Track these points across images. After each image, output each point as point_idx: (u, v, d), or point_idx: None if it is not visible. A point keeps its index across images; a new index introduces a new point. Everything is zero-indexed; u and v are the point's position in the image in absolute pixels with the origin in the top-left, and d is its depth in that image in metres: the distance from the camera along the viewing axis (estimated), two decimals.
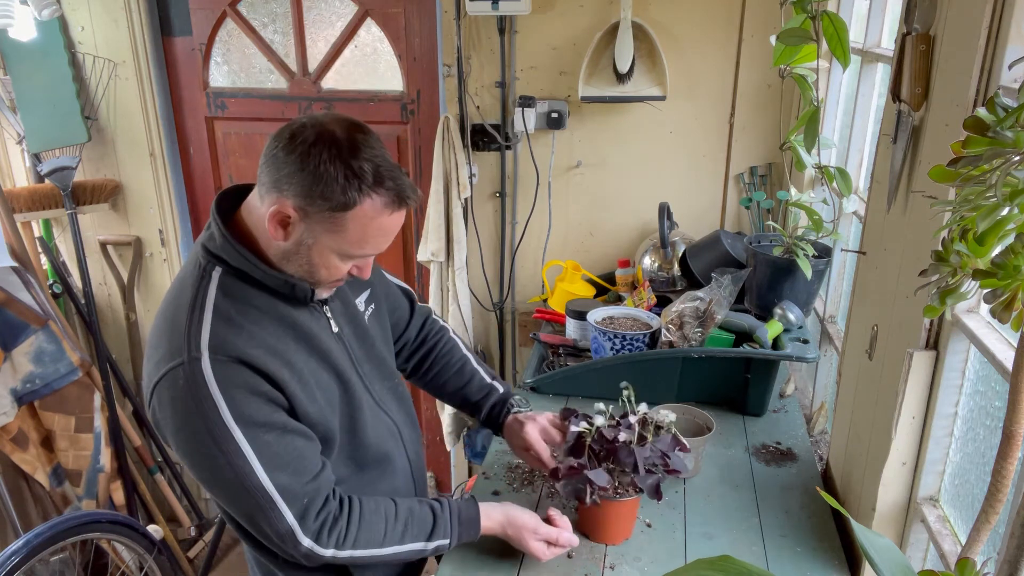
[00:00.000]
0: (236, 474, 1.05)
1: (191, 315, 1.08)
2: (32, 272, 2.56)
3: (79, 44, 2.69)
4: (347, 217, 1.04)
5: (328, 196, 1.03)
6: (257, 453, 1.06)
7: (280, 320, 1.13)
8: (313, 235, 1.07)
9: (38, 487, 2.65)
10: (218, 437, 1.04)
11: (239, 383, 1.06)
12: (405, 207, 1.09)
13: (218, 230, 1.11)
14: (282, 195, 1.04)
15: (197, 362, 1.04)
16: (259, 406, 1.07)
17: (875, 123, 1.77)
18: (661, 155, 2.47)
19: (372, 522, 1.17)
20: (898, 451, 1.18)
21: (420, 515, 1.22)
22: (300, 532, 1.10)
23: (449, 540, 1.23)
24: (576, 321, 2.01)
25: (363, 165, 1.03)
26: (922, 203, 1.13)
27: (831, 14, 1.31)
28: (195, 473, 1.10)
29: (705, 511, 1.44)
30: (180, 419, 1.06)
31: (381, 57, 2.65)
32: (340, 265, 1.11)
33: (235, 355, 1.06)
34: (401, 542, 1.19)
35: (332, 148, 1.03)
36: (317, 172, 1.02)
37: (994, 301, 0.67)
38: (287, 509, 1.08)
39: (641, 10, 2.28)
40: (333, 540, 1.13)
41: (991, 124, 0.66)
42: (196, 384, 1.04)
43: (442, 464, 3.11)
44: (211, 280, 1.11)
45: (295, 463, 1.10)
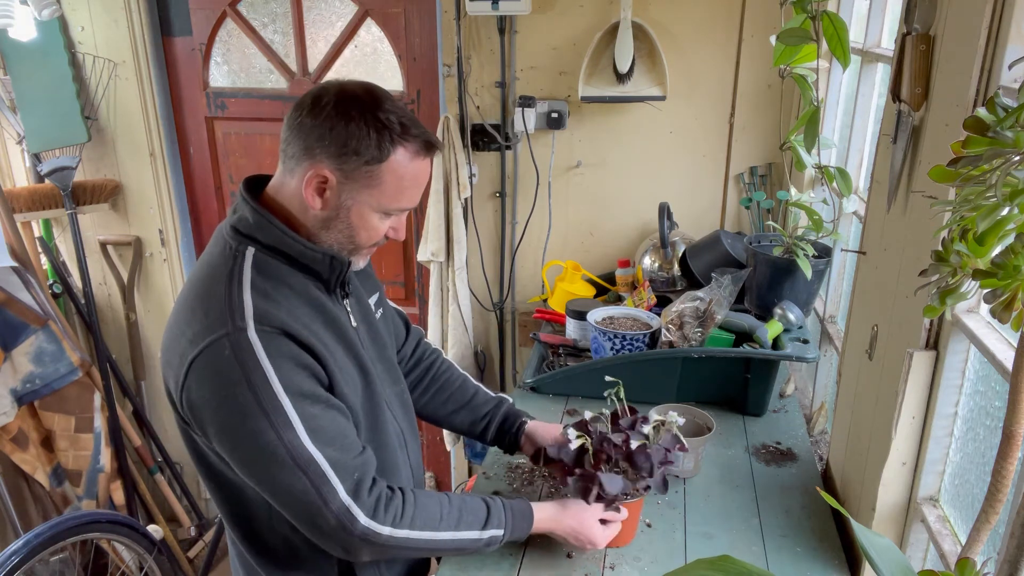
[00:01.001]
0: (287, 447, 1.01)
1: (229, 289, 1.05)
2: (32, 272, 2.56)
3: (79, 44, 2.69)
4: (383, 169, 1.06)
5: (362, 151, 1.04)
6: (306, 425, 1.03)
7: (311, 303, 1.12)
8: (352, 195, 1.07)
9: (38, 487, 2.65)
10: (268, 407, 1.01)
11: (286, 353, 1.04)
12: (432, 154, 1.11)
13: (251, 209, 1.10)
14: (315, 160, 1.05)
15: (243, 332, 1.01)
16: (304, 378, 1.05)
17: (875, 123, 1.77)
18: (661, 155, 2.47)
19: (427, 505, 1.14)
20: (898, 451, 1.18)
21: (473, 504, 1.19)
22: (356, 508, 1.05)
23: (503, 530, 1.19)
24: (576, 321, 2.01)
25: (389, 117, 1.05)
26: (922, 203, 1.13)
27: (831, 14, 1.31)
28: (238, 455, 1.05)
29: (705, 511, 1.44)
30: (225, 391, 1.02)
31: (381, 57, 2.65)
32: (379, 225, 1.12)
33: (280, 326, 1.04)
34: (457, 528, 1.15)
35: (357, 105, 1.05)
36: (347, 129, 1.04)
37: (994, 301, 0.67)
38: (339, 484, 1.04)
39: (641, 10, 2.28)
40: (390, 517, 1.08)
41: (991, 124, 0.66)
42: (244, 353, 1.01)
43: (442, 464, 3.11)
44: (245, 259, 1.09)
45: (341, 438, 1.07)
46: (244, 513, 1.19)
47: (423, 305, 2.85)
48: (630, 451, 1.26)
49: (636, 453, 1.26)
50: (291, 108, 1.09)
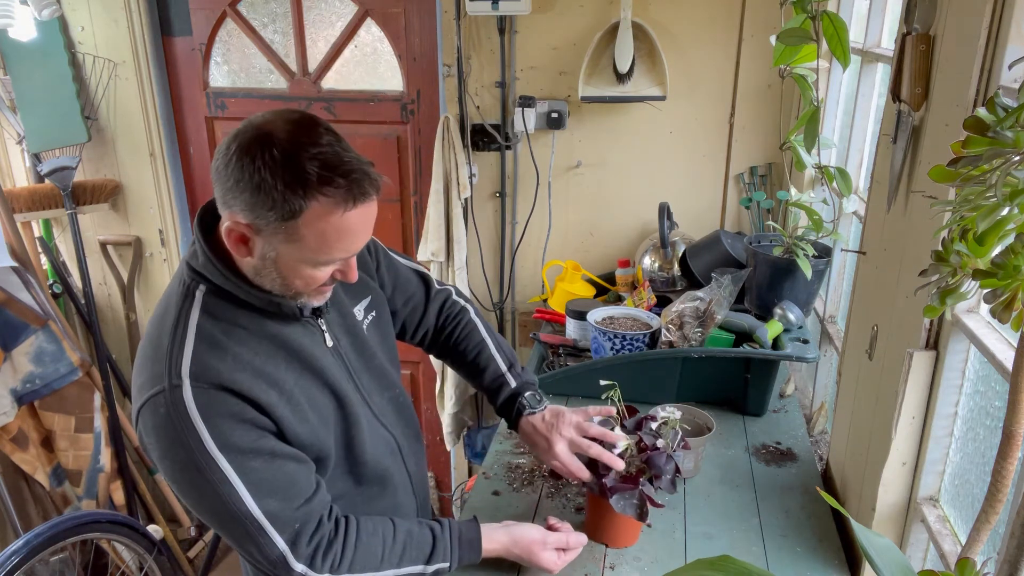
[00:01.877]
0: (223, 502, 1.02)
1: (173, 338, 1.03)
2: (32, 272, 2.56)
3: (79, 44, 2.69)
4: (299, 224, 0.96)
5: (272, 207, 0.94)
6: (244, 480, 1.02)
7: (269, 339, 1.08)
8: (273, 248, 1.00)
9: (38, 487, 2.65)
10: (202, 466, 1.00)
11: (222, 411, 1.01)
12: (365, 201, 0.98)
13: (200, 248, 1.06)
14: (232, 211, 0.98)
15: (178, 390, 1.00)
16: (244, 432, 1.03)
17: (875, 123, 1.77)
18: (661, 155, 2.47)
19: (369, 544, 1.13)
20: (898, 451, 1.18)
21: (419, 537, 1.18)
22: (292, 558, 1.06)
23: (449, 563, 1.19)
24: (576, 321, 2.01)
25: (305, 166, 0.94)
26: (922, 203, 1.13)
27: (831, 14, 1.31)
28: (183, 499, 1.07)
29: (705, 511, 1.44)
30: (164, 446, 1.02)
31: (381, 57, 2.65)
32: (314, 273, 1.03)
33: (217, 382, 1.01)
34: (399, 565, 1.15)
35: (268, 152, 0.94)
36: (254, 182, 0.94)
37: (994, 301, 0.67)
38: (277, 536, 1.05)
39: (641, 10, 2.28)
40: (328, 564, 1.08)
41: (991, 124, 0.66)
42: (178, 413, 1.00)
43: (442, 464, 3.11)
44: (195, 300, 1.06)
45: (284, 488, 1.06)
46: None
47: None
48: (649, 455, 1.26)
49: (656, 456, 1.26)
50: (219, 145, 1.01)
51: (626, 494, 1.24)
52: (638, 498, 1.24)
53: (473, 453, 2.80)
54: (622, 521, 1.31)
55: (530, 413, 1.35)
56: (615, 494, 1.24)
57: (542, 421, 1.33)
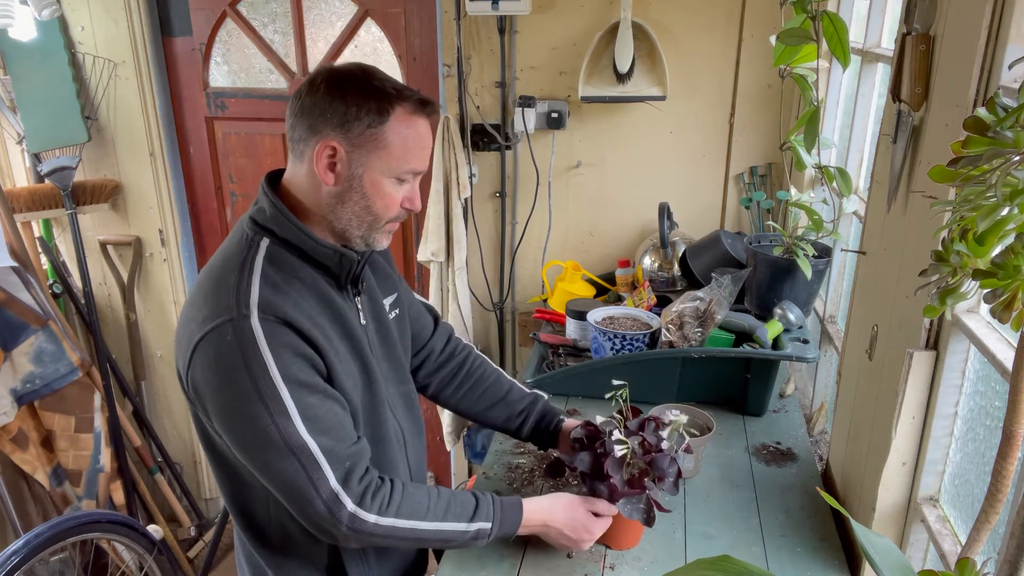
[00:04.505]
0: (281, 433, 1.05)
1: (240, 276, 1.09)
2: (32, 272, 2.56)
3: (79, 44, 2.69)
4: (386, 129, 1.10)
5: (362, 115, 1.09)
6: (301, 413, 1.05)
7: (320, 297, 1.14)
8: (361, 162, 1.11)
9: (38, 487, 2.65)
10: (265, 393, 1.04)
11: (286, 343, 1.06)
12: (429, 112, 1.14)
13: (269, 202, 1.14)
14: (321, 135, 1.10)
15: (246, 319, 1.05)
16: (303, 366, 1.08)
17: (875, 123, 1.77)
18: (661, 155, 2.47)
19: (414, 495, 1.16)
20: (898, 451, 1.18)
21: (462, 498, 1.21)
22: (344, 495, 1.08)
23: (491, 523, 1.20)
24: (576, 321, 2.01)
25: (383, 83, 1.11)
26: (922, 203, 1.13)
27: (831, 14, 1.31)
28: (235, 437, 1.08)
29: (705, 511, 1.44)
30: (225, 376, 1.05)
31: (381, 57, 2.65)
32: (393, 192, 1.14)
33: (282, 316, 1.07)
34: (444, 519, 1.17)
35: (350, 78, 1.11)
36: (347, 99, 1.09)
37: (994, 301, 0.67)
38: (330, 471, 1.07)
39: (641, 10, 2.28)
40: (376, 505, 1.11)
41: (991, 124, 0.66)
42: (245, 340, 1.04)
43: (442, 464, 3.11)
44: (259, 249, 1.12)
45: (336, 428, 1.10)
46: (243, 496, 1.22)
47: None
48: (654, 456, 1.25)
49: (660, 458, 1.25)
50: (292, 98, 1.14)
51: (633, 499, 1.24)
52: (645, 502, 1.24)
53: (473, 453, 2.80)
54: (625, 523, 1.31)
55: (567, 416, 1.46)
56: (622, 499, 1.24)
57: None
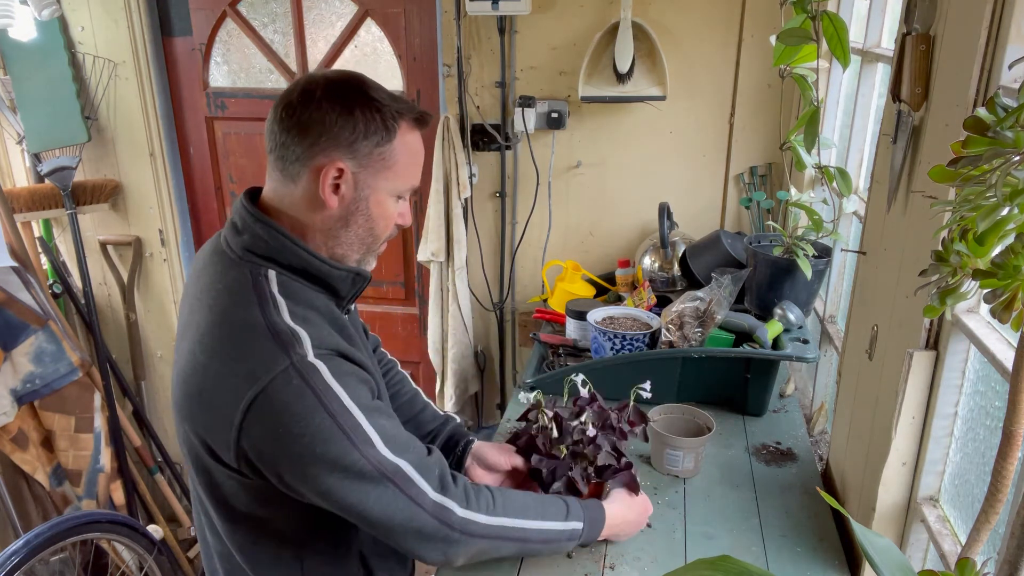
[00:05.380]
0: (372, 462, 1.00)
1: (271, 320, 1.01)
2: (32, 272, 2.56)
3: (79, 44, 2.69)
4: (393, 147, 1.05)
5: (370, 134, 1.03)
6: (382, 437, 1.02)
7: (333, 322, 1.10)
8: (368, 183, 1.06)
9: (38, 487, 2.65)
10: (347, 428, 0.99)
11: (348, 371, 1.03)
12: (427, 123, 1.11)
13: (264, 229, 1.05)
14: (327, 154, 1.02)
15: (304, 359, 0.98)
16: (367, 392, 1.05)
17: (875, 123, 1.77)
18: (661, 155, 2.47)
19: (510, 495, 1.15)
20: (898, 451, 1.18)
21: (550, 499, 1.21)
22: (449, 501, 1.05)
23: (583, 523, 1.20)
24: (576, 321, 2.01)
25: (380, 95, 1.05)
26: (922, 203, 1.13)
27: (831, 14, 1.31)
28: (321, 483, 1.00)
29: (705, 511, 1.44)
30: (303, 420, 0.97)
31: (381, 57, 2.65)
32: (394, 212, 1.11)
33: (336, 348, 1.04)
34: (543, 517, 1.15)
35: (349, 91, 1.04)
36: (350, 116, 1.02)
37: (994, 301, 0.67)
38: (425, 484, 1.04)
39: (641, 10, 2.28)
40: (483, 505, 1.09)
41: (991, 124, 0.66)
42: (314, 380, 0.98)
43: None
44: (270, 283, 1.05)
45: (410, 442, 1.07)
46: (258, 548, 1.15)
47: (423, 305, 2.85)
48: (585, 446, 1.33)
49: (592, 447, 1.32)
50: (275, 110, 1.04)
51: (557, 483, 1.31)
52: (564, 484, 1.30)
53: None
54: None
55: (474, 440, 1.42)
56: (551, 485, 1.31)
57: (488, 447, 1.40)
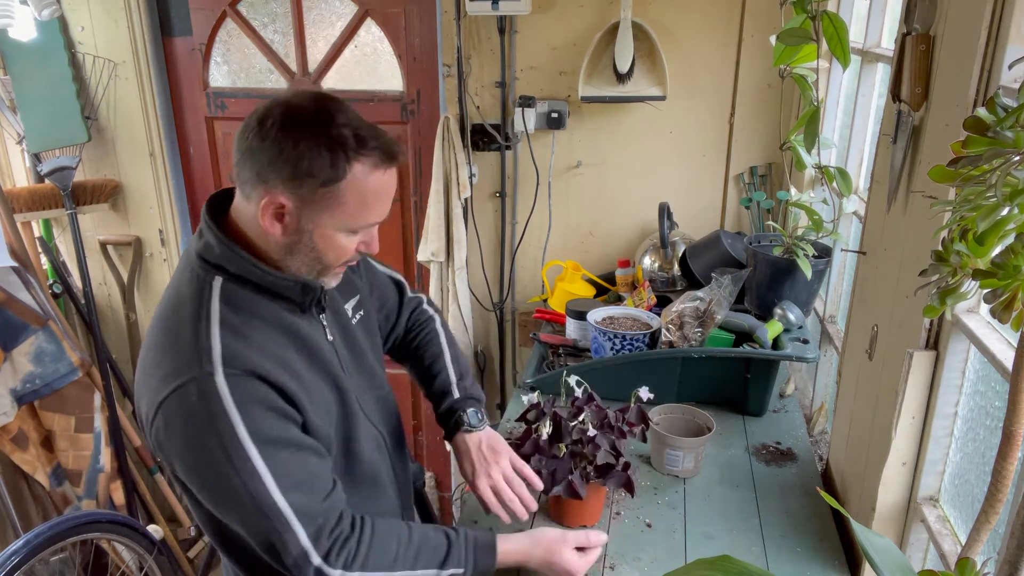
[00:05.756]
0: (251, 495, 1.00)
1: (197, 326, 1.02)
2: (32, 272, 2.56)
3: (79, 44, 2.69)
4: (341, 188, 1.00)
5: (316, 172, 0.98)
6: (273, 472, 1.00)
7: (284, 329, 1.08)
8: (312, 219, 1.01)
9: (38, 487, 2.65)
10: (233, 456, 0.98)
11: (255, 398, 1.00)
12: (395, 163, 1.04)
13: (215, 237, 1.05)
14: (268, 186, 0.99)
15: (210, 377, 0.98)
16: (274, 422, 1.02)
17: (875, 123, 1.77)
18: (661, 155, 2.47)
19: (384, 543, 1.11)
20: (898, 451, 1.18)
21: (434, 541, 1.16)
22: (313, 552, 1.05)
23: (464, 569, 1.16)
24: (576, 321, 2.01)
25: (342, 131, 0.99)
26: (922, 203, 1.13)
27: (831, 14, 1.31)
28: (206, 496, 1.05)
29: (705, 511, 1.44)
30: (192, 437, 1.00)
31: (381, 57, 2.65)
32: (347, 243, 1.06)
33: (249, 368, 1.01)
34: (413, 567, 1.12)
35: (305, 122, 0.99)
36: (297, 150, 0.97)
37: (994, 301, 0.67)
38: (301, 530, 1.03)
39: (641, 10, 2.28)
40: (341, 560, 1.07)
41: (991, 124, 0.66)
42: (210, 400, 0.98)
43: (442, 464, 3.11)
44: (213, 291, 1.05)
45: (309, 482, 1.05)
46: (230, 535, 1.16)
47: None
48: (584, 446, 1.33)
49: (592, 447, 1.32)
50: (239, 129, 1.02)
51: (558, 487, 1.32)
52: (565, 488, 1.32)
53: None
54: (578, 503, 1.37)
55: (467, 431, 1.34)
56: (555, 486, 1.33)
57: (477, 448, 1.33)
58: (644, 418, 1.39)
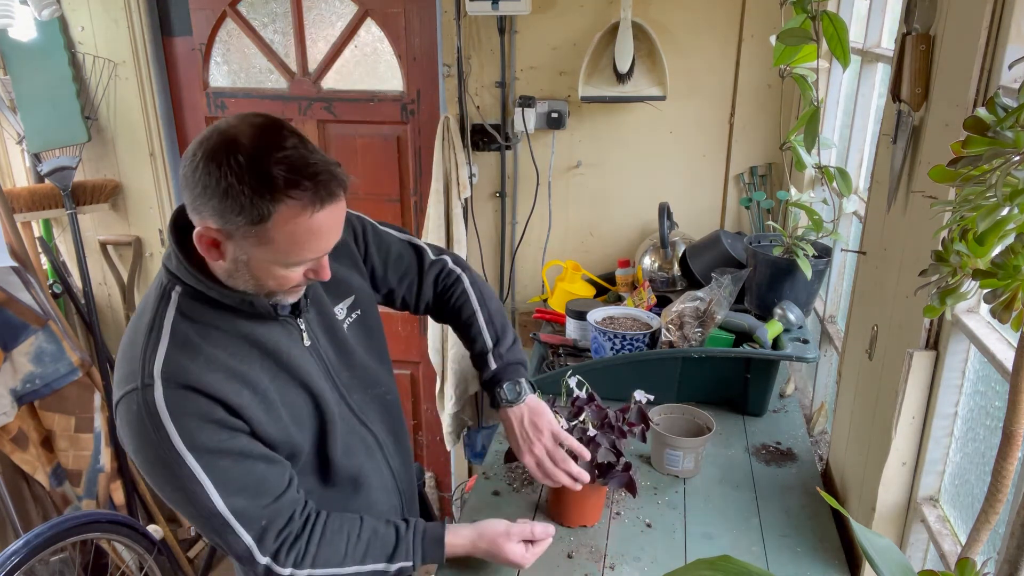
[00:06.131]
0: (190, 499, 1.05)
1: (148, 339, 1.06)
2: (32, 272, 2.56)
3: (79, 44, 2.69)
4: (268, 228, 0.97)
5: (240, 211, 0.95)
6: (212, 479, 1.04)
7: (244, 339, 1.09)
8: (244, 251, 1.01)
9: (38, 487, 2.65)
10: (171, 463, 1.03)
11: (191, 411, 1.03)
12: (332, 202, 0.99)
13: (173, 251, 1.09)
14: (202, 216, 0.99)
15: (150, 389, 1.02)
16: (212, 432, 1.04)
17: (875, 123, 1.77)
18: (661, 155, 2.47)
19: (333, 541, 1.15)
20: (898, 451, 1.18)
21: (384, 535, 1.20)
22: (257, 551, 1.09)
23: (412, 562, 1.20)
24: (576, 321, 2.01)
25: (271, 170, 0.94)
26: (922, 203, 1.13)
27: (831, 14, 1.31)
28: (160, 494, 1.09)
29: (705, 511, 1.44)
30: (136, 442, 1.05)
31: (381, 57, 2.65)
32: (287, 274, 1.04)
33: (186, 383, 1.03)
34: (362, 562, 1.16)
35: (234, 157, 0.94)
36: (222, 188, 0.95)
37: (994, 301, 0.67)
38: (244, 531, 1.08)
39: (641, 10, 2.28)
40: (291, 559, 1.11)
41: (991, 124, 0.66)
42: (148, 412, 1.02)
43: (442, 464, 3.11)
44: (171, 301, 1.08)
45: (253, 487, 1.08)
46: None
47: None
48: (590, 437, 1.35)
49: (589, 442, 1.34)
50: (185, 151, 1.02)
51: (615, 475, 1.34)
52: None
53: (473, 453, 2.80)
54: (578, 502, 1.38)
55: (507, 406, 1.34)
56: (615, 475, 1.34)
57: (520, 425, 1.33)
58: (644, 418, 1.39)
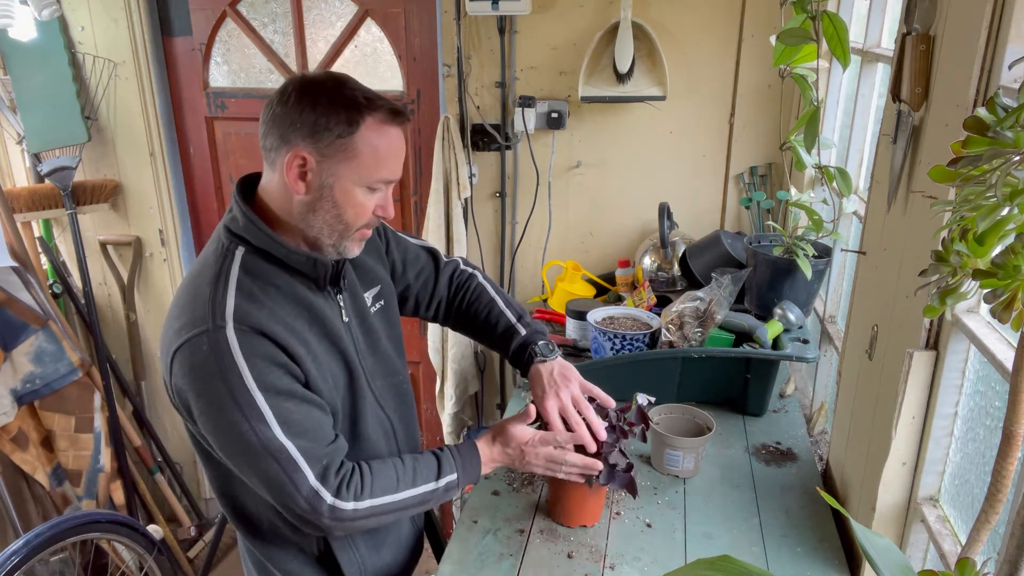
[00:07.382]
0: (259, 438, 1.08)
1: (215, 288, 1.11)
2: (32, 272, 2.56)
3: (79, 44, 2.69)
4: (356, 139, 1.11)
5: (332, 125, 1.09)
6: (278, 418, 1.09)
7: (297, 302, 1.17)
8: (332, 172, 1.12)
9: (38, 487, 2.65)
10: (242, 402, 1.07)
11: (261, 353, 1.09)
12: (400, 121, 1.15)
13: (240, 211, 1.16)
14: (292, 145, 1.11)
15: (221, 330, 1.08)
16: (279, 375, 1.10)
17: (875, 123, 1.77)
18: (661, 155, 2.47)
19: (383, 472, 1.20)
20: (898, 451, 1.18)
21: (425, 459, 1.26)
22: (323, 490, 1.12)
23: (456, 474, 1.25)
24: (576, 321, 2.01)
25: (352, 93, 1.12)
26: (922, 203, 1.13)
27: (831, 14, 1.31)
28: (217, 441, 1.12)
29: (705, 511, 1.44)
30: (202, 384, 1.09)
31: (381, 57, 2.65)
32: (365, 201, 1.15)
33: (257, 327, 1.09)
34: (415, 484, 1.22)
35: (320, 87, 1.12)
36: (316, 109, 1.09)
37: (994, 301, 0.67)
38: (309, 470, 1.11)
39: (641, 10, 2.28)
40: (352, 492, 1.15)
41: (991, 124, 0.66)
42: (220, 351, 1.07)
43: None
44: (234, 258, 1.15)
45: (313, 430, 1.13)
46: (232, 490, 1.26)
47: None
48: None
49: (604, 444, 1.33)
50: (263, 107, 1.15)
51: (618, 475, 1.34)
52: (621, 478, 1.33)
53: None
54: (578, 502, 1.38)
55: (540, 361, 1.41)
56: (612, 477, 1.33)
57: (550, 373, 1.38)
58: (644, 418, 1.39)
